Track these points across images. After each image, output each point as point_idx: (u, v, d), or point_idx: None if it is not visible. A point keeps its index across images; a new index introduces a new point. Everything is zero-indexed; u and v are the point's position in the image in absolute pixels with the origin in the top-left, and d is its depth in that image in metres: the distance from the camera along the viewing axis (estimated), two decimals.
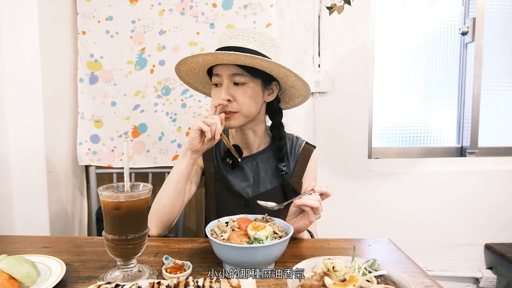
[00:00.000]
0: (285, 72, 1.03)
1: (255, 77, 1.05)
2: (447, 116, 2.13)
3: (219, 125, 0.96)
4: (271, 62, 0.98)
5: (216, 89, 1.08)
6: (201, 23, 1.79)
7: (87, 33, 1.76)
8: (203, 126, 0.95)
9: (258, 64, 1.00)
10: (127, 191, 0.77)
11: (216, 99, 1.05)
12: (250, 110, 1.07)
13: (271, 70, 1.04)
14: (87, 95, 1.80)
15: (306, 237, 1.04)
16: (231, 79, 1.04)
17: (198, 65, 1.09)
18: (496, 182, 1.98)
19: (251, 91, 1.06)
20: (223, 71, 1.04)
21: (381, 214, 1.97)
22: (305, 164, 1.18)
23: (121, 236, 0.72)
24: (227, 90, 1.04)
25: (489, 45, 2.01)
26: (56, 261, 0.80)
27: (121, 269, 0.76)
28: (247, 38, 1.04)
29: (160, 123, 1.83)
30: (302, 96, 1.16)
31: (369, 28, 1.92)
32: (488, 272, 2.01)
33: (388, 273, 0.63)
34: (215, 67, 1.07)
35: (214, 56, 0.99)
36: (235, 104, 1.05)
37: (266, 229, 0.78)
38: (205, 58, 1.02)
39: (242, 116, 1.07)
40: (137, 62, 1.79)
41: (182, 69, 1.13)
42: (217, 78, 1.06)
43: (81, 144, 1.81)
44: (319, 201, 0.90)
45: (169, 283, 0.61)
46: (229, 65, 1.03)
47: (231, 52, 0.96)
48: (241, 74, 1.03)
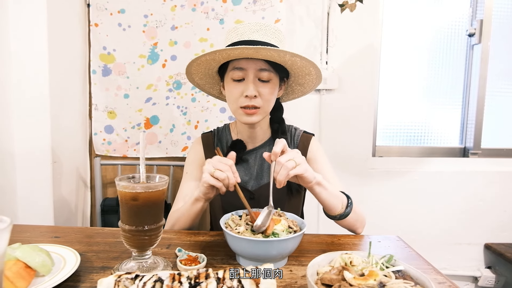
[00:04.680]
0: (310, 69, 1.03)
1: (277, 73, 1.05)
2: (451, 117, 2.15)
3: (231, 177, 0.87)
4: (304, 59, 0.97)
5: (238, 84, 1.03)
6: (211, 19, 1.79)
7: (100, 25, 1.77)
8: (215, 183, 0.86)
9: (291, 60, 0.99)
10: (143, 182, 0.77)
11: (237, 94, 1.02)
12: (270, 107, 1.07)
13: (299, 67, 1.03)
14: (100, 87, 1.82)
15: (339, 205, 0.95)
16: (256, 75, 1.01)
17: (215, 61, 1.05)
18: (497, 183, 2.00)
19: (275, 88, 1.05)
20: (249, 65, 1.01)
21: (383, 212, 1.99)
22: (304, 152, 1.17)
23: (138, 227, 0.73)
24: (255, 85, 1.01)
25: (495, 47, 2.02)
26: (70, 251, 0.80)
27: (136, 260, 0.76)
28: (271, 33, 1.02)
29: (171, 116, 1.87)
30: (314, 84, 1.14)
31: (377, 28, 1.92)
32: (487, 271, 2.04)
33: (405, 268, 0.64)
34: (238, 61, 1.02)
35: (256, 50, 0.93)
36: (260, 101, 1.02)
37: (281, 223, 0.78)
38: (241, 51, 0.94)
39: (264, 112, 1.06)
40: (150, 57, 1.81)
41: (194, 69, 1.08)
42: (240, 73, 1.02)
43: (96, 135, 1.86)
44: (286, 169, 0.81)
45: (189, 275, 0.61)
46: (256, 60, 1.01)
47: (268, 47, 0.91)
48: (268, 70, 1.01)
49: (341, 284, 0.57)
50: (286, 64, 1.03)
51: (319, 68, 1.01)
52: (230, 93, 1.06)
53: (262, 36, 1.01)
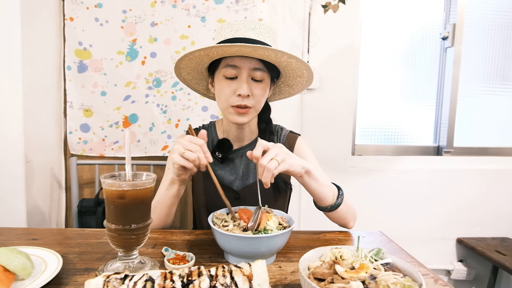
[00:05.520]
0: (303, 72, 1.03)
1: (269, 73, 1.04)
2: (425, 117, 2.23)
3: (202, 158, 0.84)
4: (300, 61, 0.97)
5: (230, 82, 1.00)
6: (192, 16, 1.77)
7: (75, 20, 1.71)
8: (185, 164, 0.83)
9: (286, 61, 0.98)
10: (129, 180, 0.75)
11: (229, 92, 1.00)
12: (261, 107, 1.07)
13: (293, 68, 1.03)
14: (76, 83, 1.76)
15: (330, 195, 0.95)
16: (250, 74, 1.00)
17: (208, 57, 1.02)
18: (469, 180, 2.10)
19: (266, 88, 1.05)
20: (244, 63, 0.98)
21: (362, 210, 2.02)
22: (291, 151, 1.17)
23: (124, 226, 0.70)
24: (248, 84, 1.00)
25: (467, 50, 2.11)
26: (51, 253, 0.77)
27: (122, 260, 0.74)
28: (265, 32, 1.01)
29: (151, 114, 1.82)
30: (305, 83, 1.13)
31: (356, 29, 1.96)
32: (459, 265, 2.13)
33: (393, 261, 0.66)
34: (232, 59, 0.99)
35: (254, 49, 0.91)
36: (252, 100, 1.01)
37: (273, 220, 0.78)
38: (238, 49, 0.92)
39: (254, 112, 1.05)
40: (128, 53, 1.76)
41: (184, 63, 1.05)
42: (234, 71, 0.99)
43: (71, 133, 1.79)
44: (269, 171, 0.78)
45: (181, 273, 0.60)
46: (251, 59, 0.99)
47: (267, 47, 0.90)
48: (261, 69, 1.00)
49: (334, 277, 0.58)
50: (281, 65, 1.03)
51: (312, 71, 1.01)
52: (221, 91, 1.03)
53: (257, 35, 0.99)
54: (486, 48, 2.17)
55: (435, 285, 0.72)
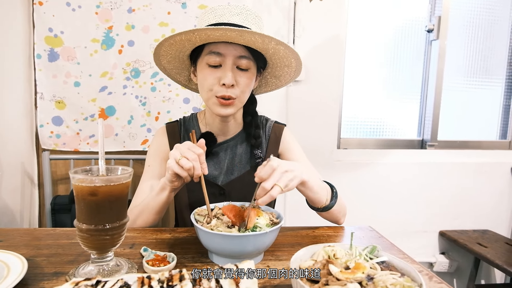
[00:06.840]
0: (291, 61, 0.97)
1: (256, 62, 0.98)
2: (410, 110, 2.23)
3: (197, 168, 0.79)
4: (289, 48, 0.91)
5: (214, 70, 0.94)
6: (172, 2, 1.68)
7: (45, 4, 1.59)
8: (179, 171, 0.78)
9: (274, 48, 0.92)
10: (102, 174, 0.68)
11: (213, 81, 0.94)
12: (246, 98, 1.01)
13: (281, 57, 0.97)
14: (46, 73, 1.64)
15: (324, 198, 0.91)
16: (235, 62, 0.94)
17: (190, 43, 0.94)
18: (451, 173, 2.12)
19: (252, 78, 0.98)
20: (228, 50, 0.92)
21: (347, 203, 2.01)
22: (277, 142, 1.12)
23: (97, 226, 0.64)
24: (233, 73, 0.93)
25: (452, 44, 2.11)
26: (15, 256, 0.69)
27: (95, 263, 0.67)
28: (251, 18, 0.95)
29: (129, 106, 1.73)
30: (293, 74, 1.08)
31: (343, 20, 1.92)
32: (441, 257, 2.15)
33: (389, 259, 0.62)
34: (216, 45, 0.92)
35: (240, 33, 0.84)
36: (237, 90, 0.95)
37: (264, 217, 0.73)
38: (223, 33, 0.85)
39: (240, 103, 0.99)
40: (104, 41, 1.66)
41: (164, 50, 0.97)
42: (218, 58, 0.92)
43: (42, 126, 1.67)
44: (270, 197, 0.73)
45: (160, 277, 0.54)
46: (236, 45, 0.92)
47: (254, 32, 0.83)
48: (247, 57, 0.94)
49: (328, 278, 0.54)
50: (268, 53, 0.97)
51: (301, 60, 0.96)
52: (204, 80, 0.96)
53: (242, 21, 0.93)
54: (469, 42, 2.18)
55: (429, 282, 0.69)
